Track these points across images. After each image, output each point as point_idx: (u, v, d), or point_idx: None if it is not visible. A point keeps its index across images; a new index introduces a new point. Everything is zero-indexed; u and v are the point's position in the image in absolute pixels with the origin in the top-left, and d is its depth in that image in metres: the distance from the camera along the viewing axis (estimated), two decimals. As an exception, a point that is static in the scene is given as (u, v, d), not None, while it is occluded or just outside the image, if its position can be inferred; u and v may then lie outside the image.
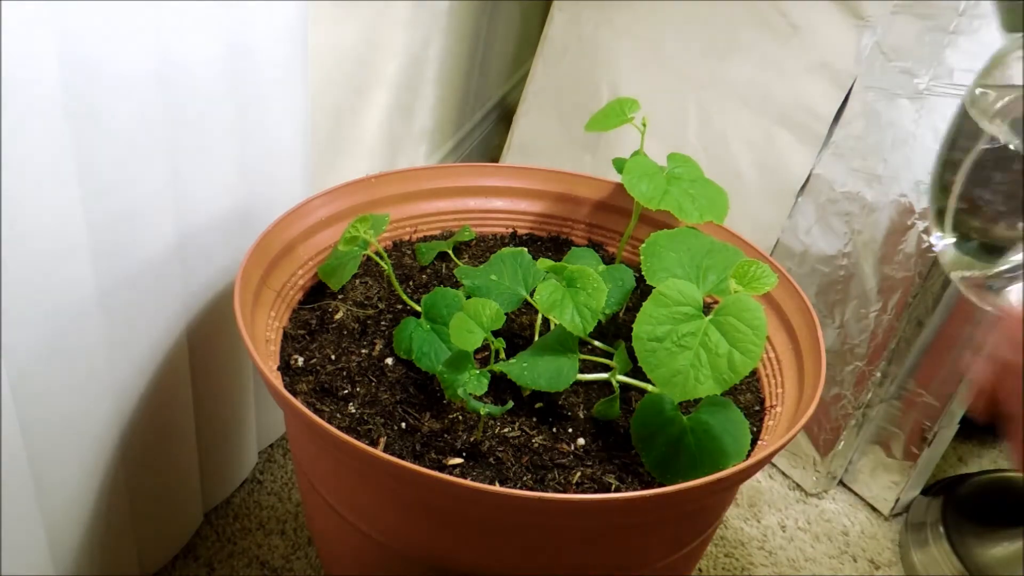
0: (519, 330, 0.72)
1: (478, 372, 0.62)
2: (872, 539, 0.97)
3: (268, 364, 0.63)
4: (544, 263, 0.66)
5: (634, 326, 0.58)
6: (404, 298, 0.72)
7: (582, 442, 0.63)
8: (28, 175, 0.51)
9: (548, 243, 0.84)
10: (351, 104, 0.99)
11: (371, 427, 0.62)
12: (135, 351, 0.68)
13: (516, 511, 0.54)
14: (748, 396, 0.70)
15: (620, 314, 0.74)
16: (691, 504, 0.60)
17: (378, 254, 0.70)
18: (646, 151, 0.75)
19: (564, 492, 0.59)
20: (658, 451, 0.60)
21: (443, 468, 0.60)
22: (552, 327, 0.68)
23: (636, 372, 0.63)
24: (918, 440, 0.95)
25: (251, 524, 0.89)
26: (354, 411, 0.63)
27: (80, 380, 0.62)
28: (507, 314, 0.65)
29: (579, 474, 0.60)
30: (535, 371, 0.62)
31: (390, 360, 0.68)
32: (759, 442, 0.64)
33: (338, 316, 0.72)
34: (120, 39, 0.55)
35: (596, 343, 0.70)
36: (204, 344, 0.76)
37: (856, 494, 1.01)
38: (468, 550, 0.60)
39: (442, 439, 0.62)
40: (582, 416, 0.65)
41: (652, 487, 0.57)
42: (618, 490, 0.60)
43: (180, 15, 0.59)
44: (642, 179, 0.72)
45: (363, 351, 0.69)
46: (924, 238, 0.85)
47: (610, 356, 0.67)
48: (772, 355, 0.70)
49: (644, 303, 0.59)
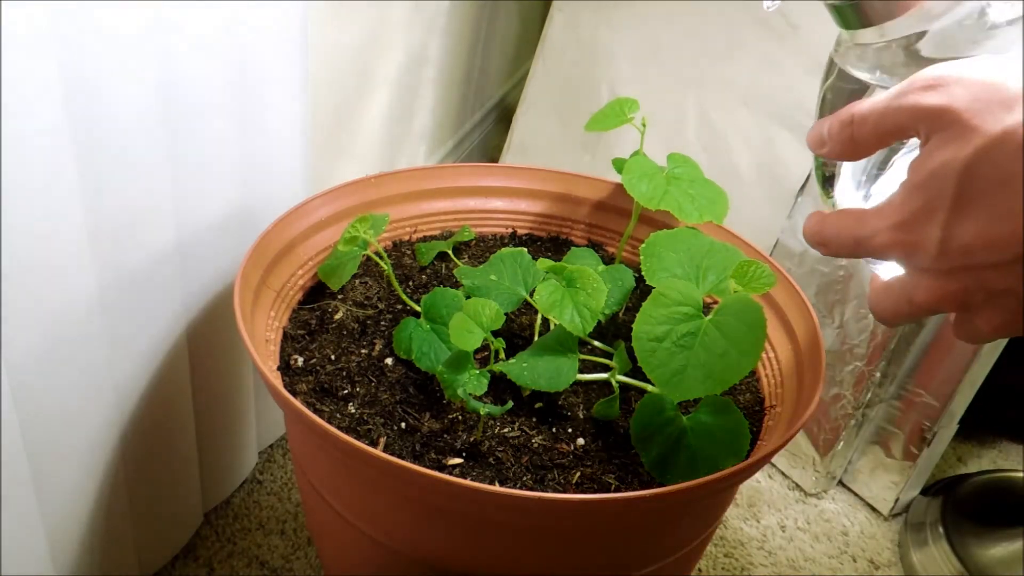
0: (519, 330, 0.72)
1: (478, 372, 0.62)
2: (872, 539, 0.97)
3: (268, 364, 0.63)
4: (544, 263, 0.66)
5: (634, 326, 0.58)
6: (404, 298, 0.72)
7: (582, 442, 0.63)
8: (28, 175, 0.51)
9: (548, 243, 0.84)
10: (351, 104, 0.99)
11: (371, 427, 0.62)
12: (135, 351, 0.68)
13: (516, 511, 0.54)
14: (748, 396, 0.70)
15: (620, 314, 0.74)
16: (691, 504, 0.60)
17: (378, 254, 0.70)
18: (646, 151, 0.75)
19: (564, 492, 0.59)
20: (658, 451, 0.60)
21: (443, 468, 0.60)
22: (552, 327, 0.68)
23: (636, 372, 0.63)
24: (918, 440, 0.95)
25: (251, 524, 0.89)
26: (354, 411, 0.63)
27: (80, 380, 0.62)
28: (507, 314, 0.65)
29: (579, 474, 0.60)
30: (535, 371, 0.62)
31: (390, 360, 0.68)
32: (759, 442, 0.64)
33: (338, 316, 0.72)
34: (120, 39, 0.55)
35: (596, 343, 0.70)
36: (204, 344, 0.76)
37: (856, 494, 1.01)
38: (468, 550, 0.60)
39: (442, 439, 0.62)
40: (582, 416, 0.65)
41: (652, 487, 0.57)
42: (618, 490, 0.60)
43: (180, 14, 0.59)
44: (642, 179, 0.72)
45: (363, 351, 0.69)
46: (924, 238, 0.85)
47: (610, 356, 0.67)
48: (772, 355, 0.71)
49: (644, 303, 0.59)
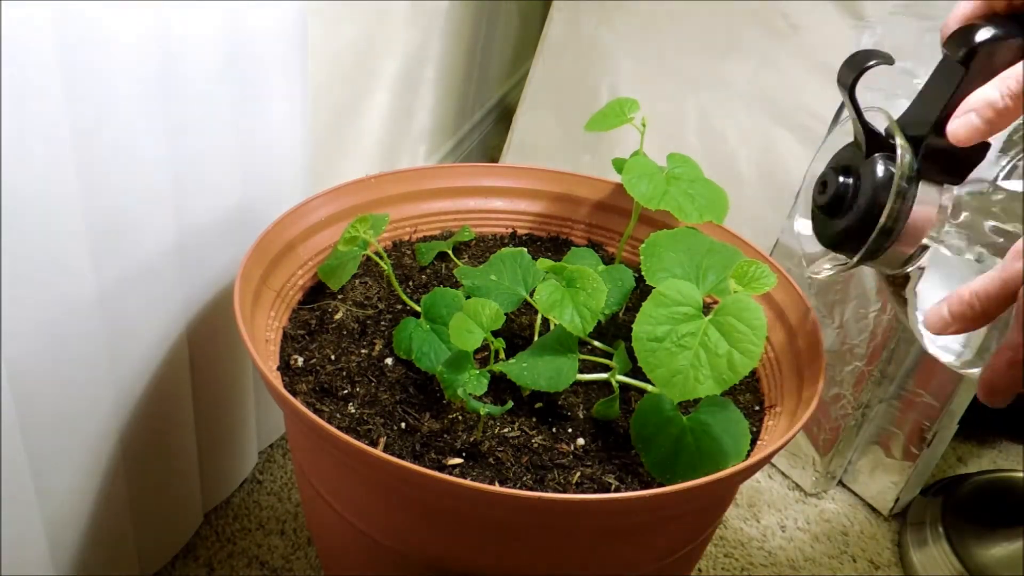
0: (519, 330, 0.72)
1: (478, 372, 0.62)
2: (872, 539, 0.97)
3: (268, 364, 0.63)
4: (544, 263, 0.66)
5: (634, 326, 0.58)
6: (404, 298, 0.72)
7: (582, 442, 0.63)
8: (28, 175, 0.51)
9: (548, 243, 0.84)
10: (351, 104, 0.99)
11: (371, 427, 0.62)
12: (135, 351, 0.68)
13: (516, 511, 0.54)
14: (748, 396, 0.70)
15: (620, 314, 0.74)
16: (691, 504, 0.60)
17: (377, 254, 0.70)
18: (646, 151, 0.75)
19: (564, 492, 0.59)
20: (658, 451, 0.60)
21: (443, 468, 0.60)
22: (552, 327, 0.68)
23: (636, 372, 0.63)
24: (918, 440, 0.95)
25: (251, 524, 0.89)
26: (354, 411, 0.63)
27: (80, 380, 0.62)
28: (507, 314, 0.65)
29: (579, 474, 0.60)
30: (535, 371, 0.62)
31: (390, 360, 0.68)
32: (759, 442, 0.64)
33: (338, 316, 0.72)
34: (121, 38, 0.55)
35: (596, 343, 0.70)
36: (204, 344, 0.76)
37: (856, 494, 1.01)
38: (467, 550, 0.60)
39: (442, 439, 0.62)
40: (582, 416, 0.65)
41: (652, 487, 0.57)
42: (618, 490, 0.60)
43: (180, 13, 0.59)
44: (642, 179, 0.72)
45: (363, 351, 0.69)
46: (924, 238, 0.85)
47: (610, 356, 0.67)
48: (772, 355, 0.71)
49: (644, 303, 0.59)
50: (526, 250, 0.72)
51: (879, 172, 0.52)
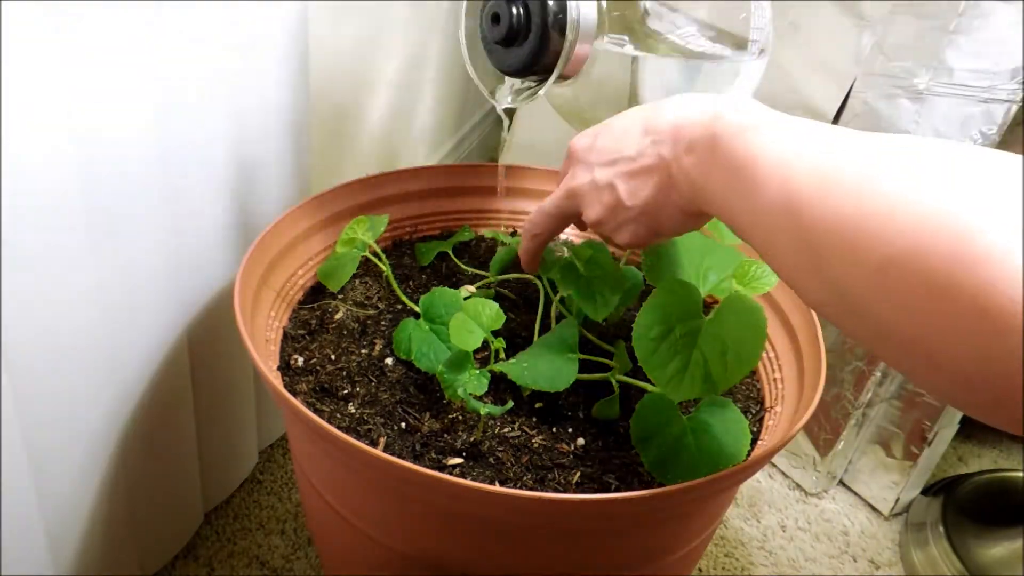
0: (519, 330, 0.72)
1: (478, 372, 0.62)
2: (872, 539, 0.97)
3: (268, 364, 0.63)
4: (558, 247, 0.67)
5: (634, 326, 0.58)
6: (403, 298, 0.72)
7: (582, 442, 0.63)
8: (28, 174, 0.51)
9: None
10: (351, 104, 0.99)
11: (371, 427, 0.62)
12: (135, 351, 0.68)
13: (516, 511, 0.54)
14: (748, 396, 0.70)
15: (620, 314, 0.74)
16: (691, 504, 0.60)
17: (376, 255, 0.70)
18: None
19: (564, 492, 0.59)
20: (658, 451, 0.60)
21: (443, 468, 0.60)
22: (552, 327, 0.68)
23: (636, 372, 0.63)
24: (918, 440, 0.95)
25: (251, 524, 0.89)
26: (354, 411, 0.63)
27: (80, 380, 0.62)
28: (507, 314, 0.65)
29: (579, 474, 0.60)
30: (535, 371, 0.62)
31: (390, 360, 0.68)
32: (759, 442, 0.64)
33: (338, 316, 0.72)
34: (118, 36, 0.55)
35: (596, 343, 0.70)
36: (204, 344, 0.76)
37: (856, 494, 1.01)
38: (467, 550, 0.60)
39: (442, 439, 0.62)
40: (582, 416, 0.65)
41: (652, 487, 0.57)
42: (618, 490, 0.60)
43: (180, 13, 0.59)
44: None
45: (363, 351, 0.69)
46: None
47: (610, 356, 0.67)
48: (772, 355, 0.70)
49: (644, 303, 0.59)
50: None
51: None
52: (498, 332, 0.64)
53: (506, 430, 0.63)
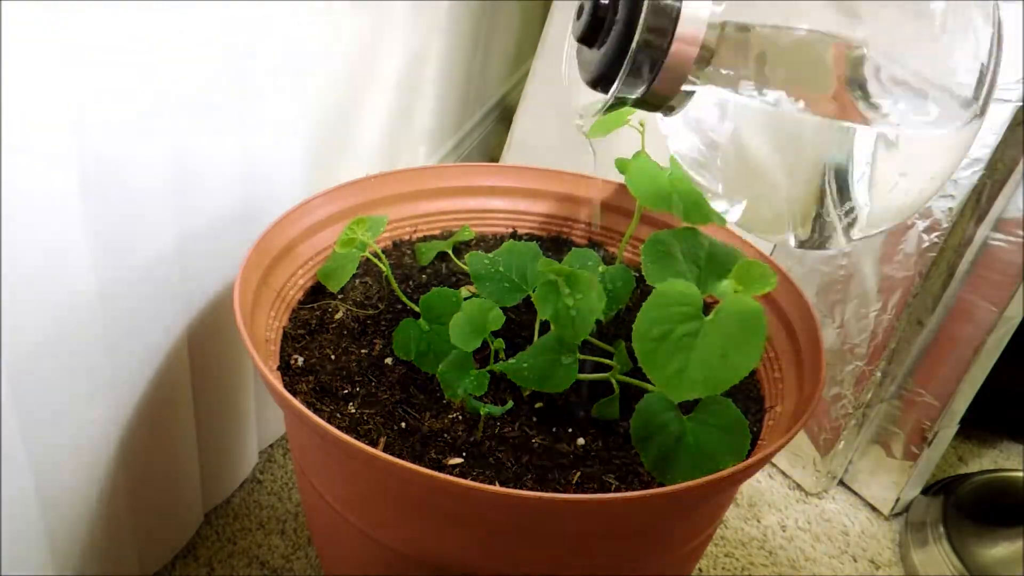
0: (519, 330, 0.72)
1: (478, 372, 0.62)
2: (872, 539, 0.97)
3: (268, 364, 0.63)
4: (545, 264, 0.66)
5: (634, 326, 0.58)
6: (403, 298, 0.72)
7: (582, 442, 0.63)
8: (28, 174, 0.51)
9: (548, 243, 0.84)
10: (351, 103, 0.99)
11: (371, 427, 0.62)
12: (135, 351, 0.68)
13: (516, 511, 0.54)
14: (748, 396, 0.70)
15: (620, 314, 0.74)
16: (691, 504, 0.60)
17: (376, 255, 0.70)
18: (647, 151, 0.75)
19: (564, 492, 0.59)
20: (658, 451, 0.60)
21: (443, 468, 0.60)
22: (552, 327, 0.67)
23: (636, 372, 0.63)
24: (918, 440, 0.95)
25: (251, 524, 0.89)
26: (354, 411, 0.63)
27: (80, 380, 0.62)
28: (507, 313, 0.65)
29: (579, 474, 0.60)
30: (535, 371, 0.62)
31: (390, 360, 0.68)
32: (759, 442, 0.64)
33: (338, 316, 0.72)
34: (120, 37, 0.55)
35: (596, 343, 0.70)
36: (204, 344, 0.76)
37: (856, 494, 1.01)
38: (467, 550, 0.60)
39: (442, 439, 0.62)
40: (582, 416, 0.65)
41: (652, 487, 0.57)
42: (618, 490, 0.60)
43: (181, 13, 0.59)
44: (645, 180, 0.72)
45: (363, 351, 0.69)
46: (924, 238, 0.85)
47: (610, 356, 0.67)
48: (772, 355, 0.70)
49: (644, 303, 0.59)
50: (537, 244, 0.72)
51: None
52: (498, 332, 0.64)
53: (506, 430, 0.63)
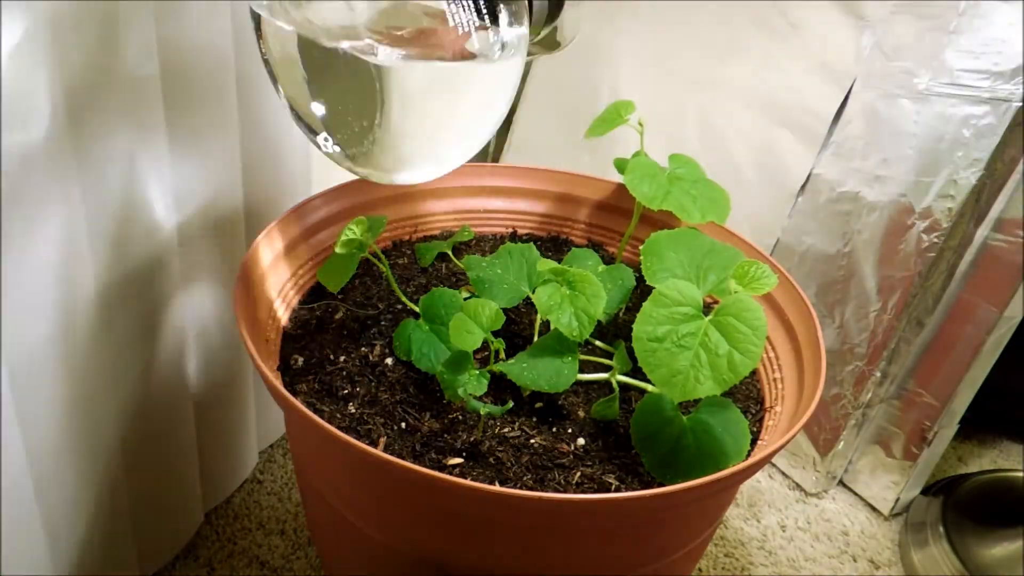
0: (519, 330, 0.72)
1: (478, 372, 0.62)
2: (872, 539, 0.97)
3: (268, 364, 0.63)
4: (544, 264, 0.66)
5: (634, 326, 0.58)
6: (403, 299, 0.72)
7: (582, 442, 0.63)
8: (28, 174, 0.51)
9: (548, 243, 0.84)
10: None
11: (371, 427, 0.62)
12: (135, 351, 0.68)
13: (516, 511, 0.54)
14: (748, 396, 0.70)
15: (620, 314, 0.74)
16: (691, 504, 0.60)
17: (376, 255, 0.70)
18: (646, 151, 0.75)
19: (564, 492, 0.59)
20: (658, 451, 0.60)
21: (443, 468, 0.60)
22: (552, 328, 0.67)
23: (636, 372, 0.63)
24: (918, 440, 0.95)
25: (251, 524, 0.89)
26: (354, 411, 0.63)
27: (80, 380, 0.62)
28: (507, 314, 0.65)
29: (579, 474, 0.60)
30: (535, 371, 0.62)
31: (390, 360, 0.68)
32: (759, 442, 0.64)
33: (338, 316, 0.72)
34: (121, 37, 0.55)
35: (596, 343, 0.70)
36: (204, 344, 0.76)
37: (856, 494, 1.01)
38: (468, 550, 0.60)
39: (442, 439, 0.62)
40: (582, 416, 0.65)
41: (652, 487, 0.57)
42: (618, 490, 0.60)
43: (181, 13, 0.59)
44: (644, 179, 0.72)
45: (363, 351, 0.69)
46: (924, 238, 0.85)
47: (610, 356, 0.67)
48: (772, 355, 0.70)
49: (644, 303, 0.59)
50: (534, 245, 0.72)
51: None
52: (498, 332, 0.64)
53: (506, 430, 0.63)
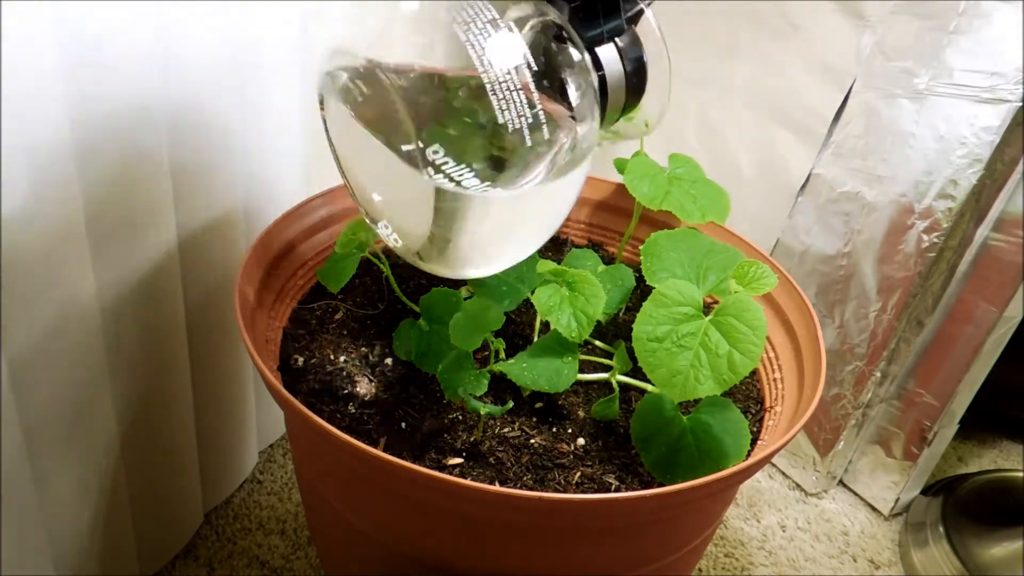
0: (519, 330, 0.72)
1: (478, 372, 0.62)
2: (872, 539, 0.97)
3: (268, 364, 0.63)
4: (544, 265, 0.66)
5: (634, 326, 0.58)
6: (403, 299, 0.72)
7: (582, 442, 0.63)
8: (27, 173, 0.51)
9: (548, 243, 0.84)
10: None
11: (371, 427, 0.62)
12: (135, 351, 0.68)
13: (516, 511, 0.54)
14: (748, 396, 0.70)
15: (620, 314, 0.74)
16: (691, 504, 0.60)
17: (376, 256, 0.70)
18: (646, 151, 0.75)
19: (564, 492, 0.59)
20: (658, 451, 0.60)
21: (443, 468, 0.60)
22: (551, 327, 0.67)
23: (636, 372, 0.63)
24: (918, 440, 0.95)
25: (251, 524, 0.89)
26: (354, 411, 0.63)
27: (80, 380, 0.62)
28: (507, 314, 0.65)
29: (579, 474, 0.60)
30: (535, 371, 0.62)
31: (390, 360, 0.68)
32: (759, 442, 0.64)
33: (338, 316, 0.72)
34: (122, 27, 0.55)
35: (596, 343, 0.70)
36: (204, 343, 0.76)
37: (856, 494, 1.01)
38: (467, 550, 0.60)
39: (442, 439, 0.62)
40: (582, 416, 0.65)
41: (652, 487, 0.57)
42: (618, 490, 0.60)
43: (182, 14, 0.59)
44: (644, 179, 0.72)
45: (363, 351, 0.69)
46: (924, 238, 0.85)
47: (610, 356, 0.67)
48: (772, 355, 0.70)
49: (644, 303, 0.59)
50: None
51: None
52: (498, 332, 0.64)
53: (506, 430, 0.63)
